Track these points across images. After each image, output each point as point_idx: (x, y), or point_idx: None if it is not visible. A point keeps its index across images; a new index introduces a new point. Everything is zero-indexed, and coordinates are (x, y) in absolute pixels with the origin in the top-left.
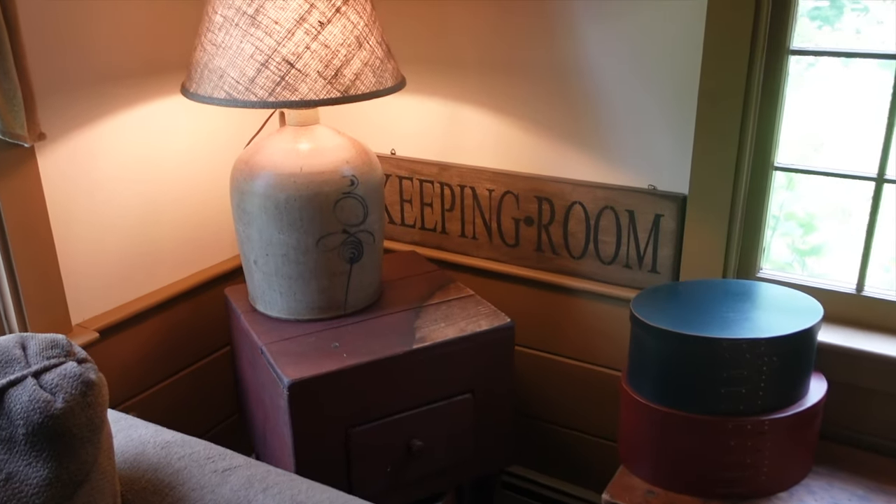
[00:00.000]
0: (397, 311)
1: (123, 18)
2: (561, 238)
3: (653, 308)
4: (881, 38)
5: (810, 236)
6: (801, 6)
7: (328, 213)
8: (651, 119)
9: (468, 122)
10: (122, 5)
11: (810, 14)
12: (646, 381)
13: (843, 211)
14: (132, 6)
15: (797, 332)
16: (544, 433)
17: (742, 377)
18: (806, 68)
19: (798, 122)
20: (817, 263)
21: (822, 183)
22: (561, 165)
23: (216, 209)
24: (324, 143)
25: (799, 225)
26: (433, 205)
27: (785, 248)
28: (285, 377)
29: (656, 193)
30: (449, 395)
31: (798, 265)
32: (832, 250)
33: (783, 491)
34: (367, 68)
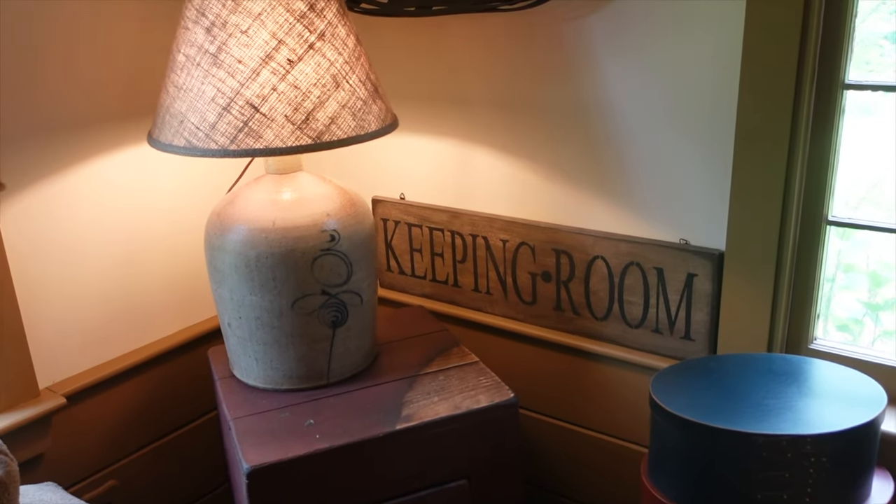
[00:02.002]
0: (388, 382)
1: (99, 61)
2: (582, 296)
3: (677, 390)
4: None
5: (883, 288)
6: (859, 32)
7: (304, 272)
8: (683, 164)
9: (480, 166)
10: (98, 48)
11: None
12: (667, 478)
13: None
14: (108, 48)
15: (853, 427)
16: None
17: (783, 480)
18: (863, 111)
19: (859, 169)
20: (891, 318)
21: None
22: (581, 215)
23: (202, 262)
24: (305, 192)
25: (868, 277)
26: (444, 255)
27: (853, 301)
28: (245, 462)
29: (689, 249)
30: (440, 482)
31: (871, 320)
32: None
33: None
34: (346, 111)
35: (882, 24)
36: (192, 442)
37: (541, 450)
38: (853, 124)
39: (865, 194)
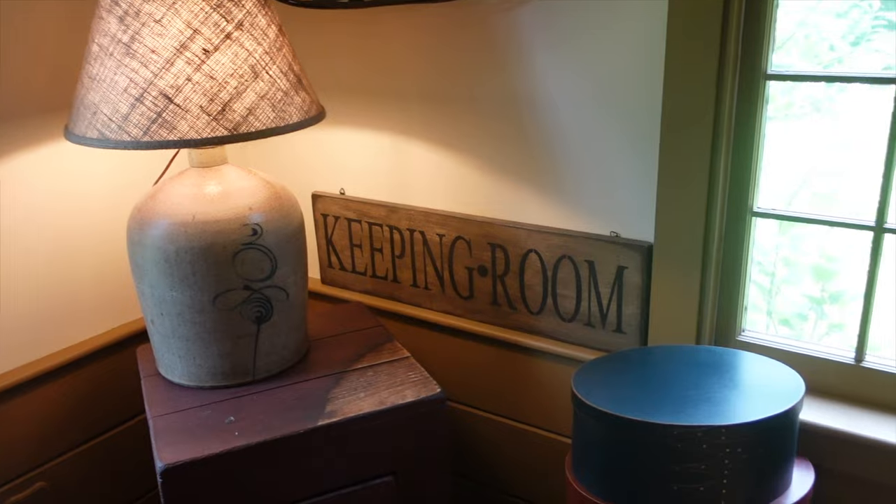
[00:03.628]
0: (315, 378)
1: (23, 56)
2: (517, 290)
3: (599, 383)
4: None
5: (830, 282)
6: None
7: (225, 266)
8: (613, 157)
9: (417, 160)
10: (22, 42)
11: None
12: (588, 471)
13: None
14: (33, 43)
15: (767, 417)
16: (494, 503)
17: (699, 472)
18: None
19: (790, 161)
20: (839, 312)
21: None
22: (515, 209)
23: None
24: (228, 186)
25: (812, 271)
26: (383, 250)
27: (799, 296)
28: (160, 461)
29: (619, 242)
30: (366, 478)
31: (815, 314)
32: (857, 296)
33: None
34: (265, 102)
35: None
36: (124, 443)
37: (476, 444)
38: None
39: (802, 188)
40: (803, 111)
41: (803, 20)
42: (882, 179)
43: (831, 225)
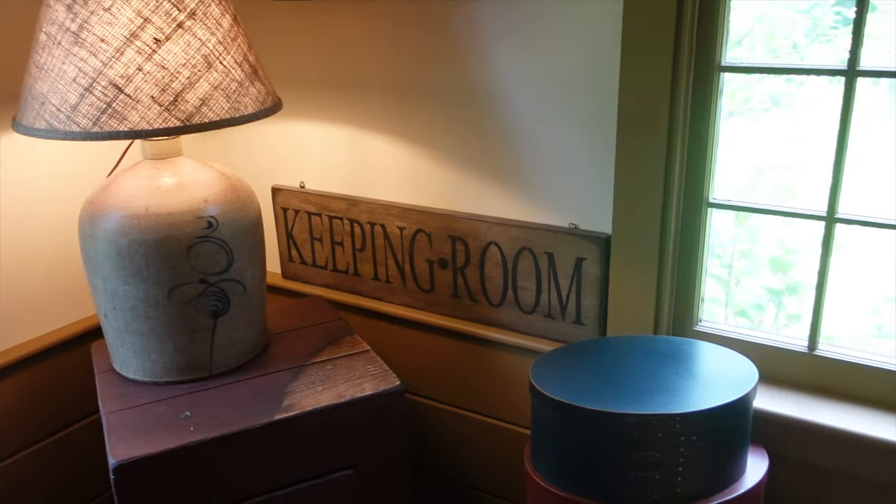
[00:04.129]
0: (273, 372)
1: None
2: (478, 283)
3: (557, 373)
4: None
5: (788, 274)
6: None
7: (180, 260)
8: (571, 149)
9: (377, 152)
10: None
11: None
12: (546, 462)
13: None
14: None
15: (721, 405)
16: (456, 495)
17: (655, 460)
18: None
19: (750, 154)
20: (797, 303)
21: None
22: (475, 201)
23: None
24: (183, 178)
25: (770, 263)
26: (344, 244)
27: (757, 288)
28: (112, 457)
29: (577, 233)
30: (325, 472)
31: (774, 305)
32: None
33: None
34: (219, 92)
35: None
36: (80, 442)
37: (438, 437)
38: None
39: (762, 181)
40: (763, 106)
41: (761, 15)
42: (832, 170)
43: (784, 215)
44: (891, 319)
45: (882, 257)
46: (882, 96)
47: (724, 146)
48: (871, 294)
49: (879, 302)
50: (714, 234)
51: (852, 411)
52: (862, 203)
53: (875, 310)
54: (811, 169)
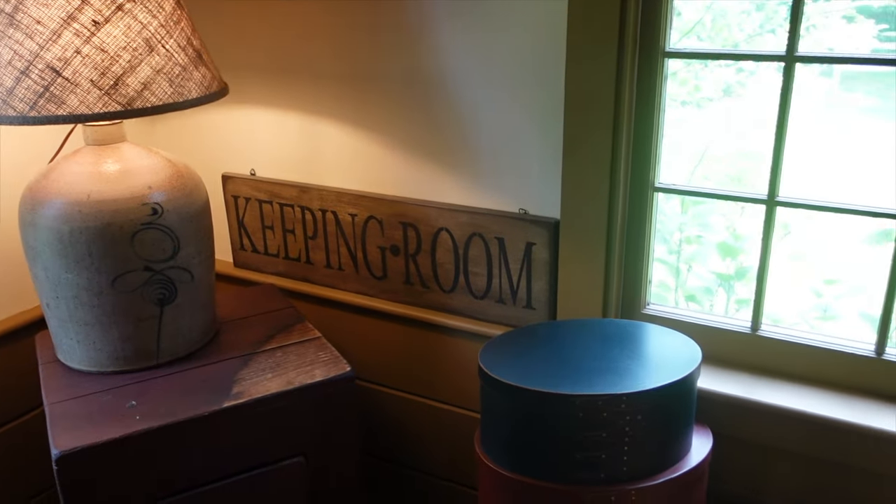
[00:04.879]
0: (223, 360)
1: None
2: (430, 269)
3: (505, 356)
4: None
5: (737, 259)
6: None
7: (124, 247)
8: (520, 135)
9: (328, 139)
10: None
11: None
12: (495, 444)
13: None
14: None
15: (665, 385)
16: (411, 482)
17: (601, 440)
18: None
19: (701, 142)
20: (745, 288)
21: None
22: (426, 187)
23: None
24: (127, 164)
25: (719, 249)
26: (295, 232)
27: (707, 273)
28: (55, 447)
29: (527, 219)
30: (275, 459)
31: (724, 290)
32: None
33: None
34: (161, 76)
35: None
36: (26, 435)
37: (391, 423)
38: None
39: (714, 167)
40: (715, 94)
41: (710, 5)
42: (772, 154)
43: (727, 199)
44: (835, 302)
45: (827, 243)
46: (830, 86)
47: (676, 134)
48: (816, 278)
49: (822, 286)
50: (663, 221)
51: (793, 390)
52: (808, 188)
53: (817, 292)
54: (760, 156)
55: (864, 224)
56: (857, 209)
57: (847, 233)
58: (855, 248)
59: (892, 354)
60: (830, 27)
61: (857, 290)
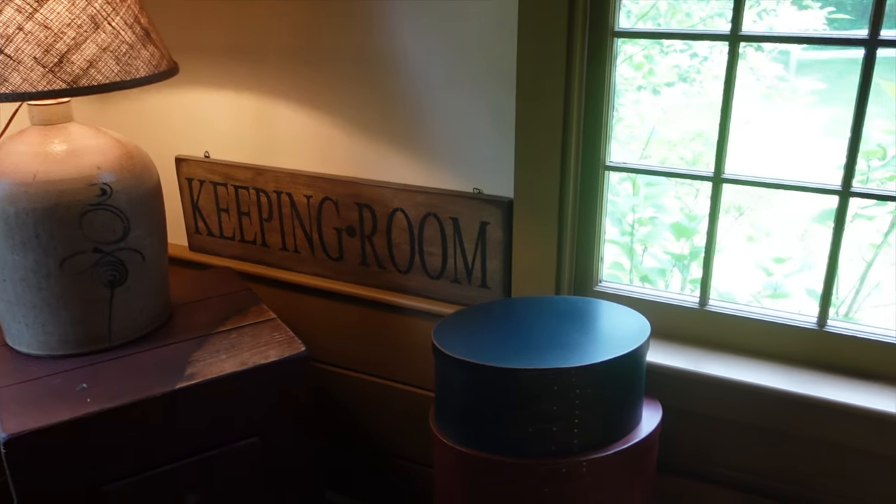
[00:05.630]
0: (176, 342)
1: None
2: (386, 250)
3: (459, 334)
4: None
5: (692, 239)
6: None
7: (72, 228)
8: (473, 115)
9: (282, 120)
10: None
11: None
12: (450, 420)
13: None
14: None
15: (613, 358)
16: (367, 462)
17: (552, 413)
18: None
19: (656, 125)
20: (699, 268)
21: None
22: (381, 168)
23: None
24: (74, 144)
25: (673, 230)
26: (251, 214)
27: (661, 253)
28: (2, 431)
29: (481, 198)
30: (231, 440)
31: (679, 270)
32: (722, 252)
33: None
34: (108, 54)
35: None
36: None
37: (349, 405)
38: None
39: (670, 150)
40: (671, 79)
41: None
42: (718, 132)
43: (675, 176)
44: (784, 280)
45: (778, 224)
46: (785, 74)
47: (631, 117)
48: (767, 257)
49: (772, 265)
50: (616, 202)
51: (740, 362)
52: (761, 169)
53: (767, 271)
54: (713, 139)
55: (812, 204)
56: (797, 185)
57: (796, 213)
58: (804, 228)
59: (833, 326)
60: (782, 13)
61: (806, 267)
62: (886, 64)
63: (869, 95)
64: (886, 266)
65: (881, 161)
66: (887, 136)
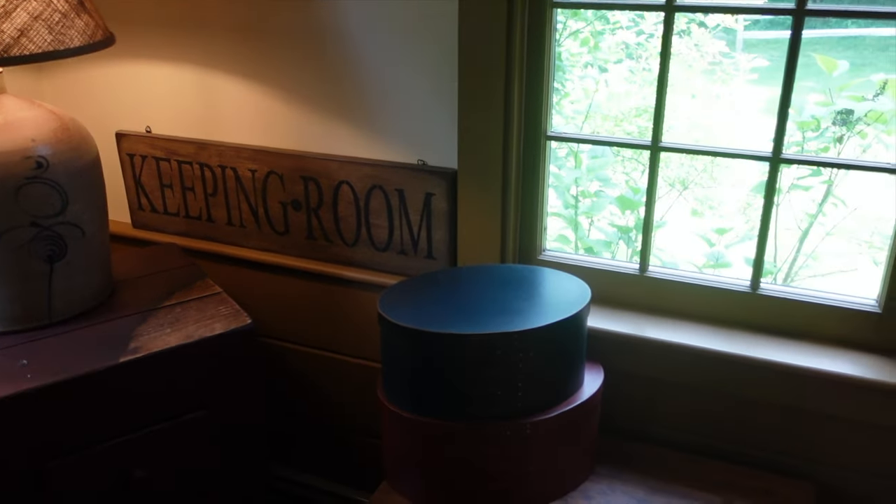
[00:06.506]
0: (119, 318)
1: None
2: (332, 223)
3: (404, 302)
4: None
5: (637, 211)
6: None
7: (8, 202)
8: (417, 87)
9: (225, 94)
10: None
11: None
12: (396, 388)
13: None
14: None
15: (555, 322)
16: (317, 434)
17: (497, 377)
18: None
19: (605, 102)
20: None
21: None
22: (326, 141)
23: None
24: (7, 116)
25: (616, 203)
26: (195, 189)
27: (607, 226)
28: None
29: (426, 169)
30: (177, 414)
31: (624, 243)
32: (666, 225)
33: (557, 499)
34: (40, 23)
35: None
36: None
37: (299, 380)
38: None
39: (616, 126)
40: (618, 57)
41: None
42: (655, 100)
43: (614, 145)
44: (725, 250)
45: (720, 195)
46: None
47: (577, 92)
48: (708, 228)
49: (714, 235)
50: (561, 176)
51: (678, 326)
52: (705, 141)
53: (709, 241)
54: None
55: (752, 177)
56: (731, 153)
57: (738, 185)
58: (745, 201)
59: (765, 289)
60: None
61: (746, 238)
62: (824, 43)
63: (797, 64)
64: (821, 237)
65: (815, 133)
66: (821, 109)
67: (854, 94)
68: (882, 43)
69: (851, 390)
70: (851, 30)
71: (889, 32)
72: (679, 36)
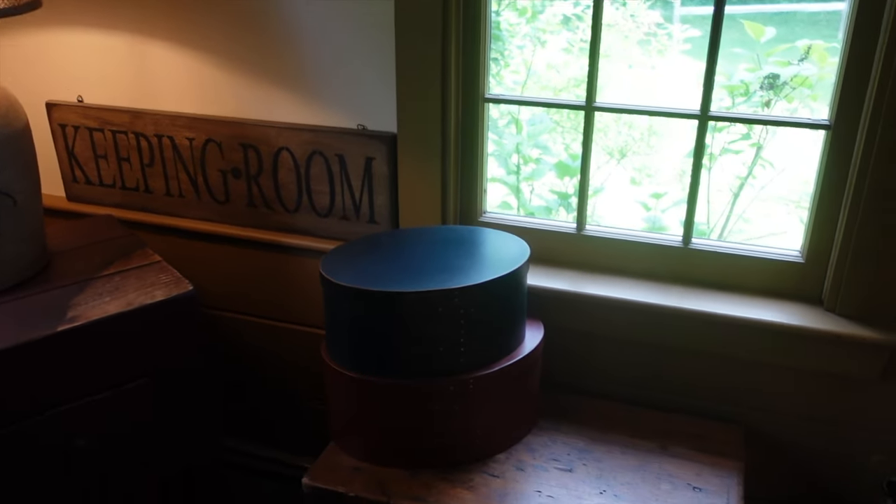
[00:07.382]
0: (56, 288)
1: None
2: (272, 190)
3: (346, 264)
4: None
5: (575, 178)
6: None
7: None
8: (355, 51)
9: (159, 61)
10: None
11: None
12: (340, 349)
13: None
14: None
15: (494, 278)
16: (263, 402)
17: (438, 334)
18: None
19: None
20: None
21: None
22: (264, 107)
23: None
24: None
25: (555, 169)
26: (131, 160)
27: (546, 192)
28: None
29: (366, 134)
30: (119, 382)
31: (564, 209)
32: (605, 192)
33: (501, 452)
34: None
35: None
36: None
37: (244, 349)
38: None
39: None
40: (555, 28)
41: None
42: (588, 62)
43: (550, 106)
44: (662, 215)
45: (658, 161)
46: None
47: (516, 63)
48: (645, 194)
49: (651, 200)
50: (503, 144)
51: (614, 281)
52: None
53: (646, 206)
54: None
55: (688, 143)
56: (661, 111)
57: (674, 154)
58: (681, 169)
59: (696, 244)
60: None
61: (682, 201)
62: (756, 18)
63: (722, 24)
64: (752, 199)
65: (744, 97)
66: (749, 75)
67: (781, 59)
68: (812, 18)
69: (778, 337)
70: (783, 5)
71: (819, 8)
72: (615, 8)
